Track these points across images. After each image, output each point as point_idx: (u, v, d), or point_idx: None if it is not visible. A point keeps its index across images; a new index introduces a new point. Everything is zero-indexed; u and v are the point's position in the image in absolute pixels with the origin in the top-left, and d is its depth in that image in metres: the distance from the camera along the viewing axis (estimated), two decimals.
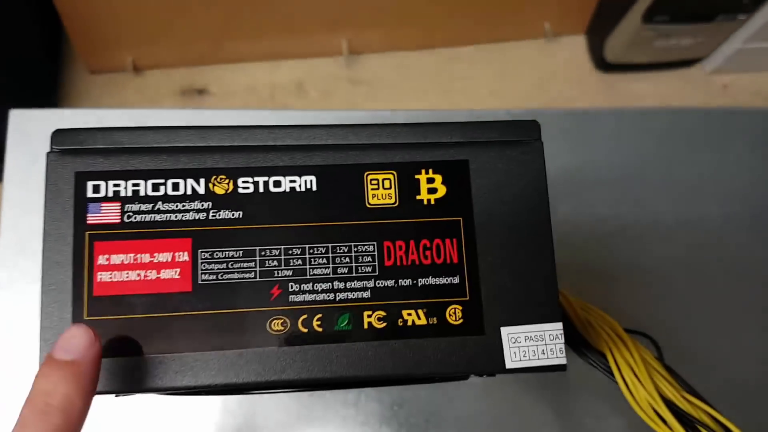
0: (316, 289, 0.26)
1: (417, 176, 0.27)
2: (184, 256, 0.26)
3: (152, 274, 0.25)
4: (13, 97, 1.07)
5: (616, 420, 0.42)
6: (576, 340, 0.33)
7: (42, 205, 0.40)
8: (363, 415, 0.41)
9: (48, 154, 0.26)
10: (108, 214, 0.26)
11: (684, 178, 0.46)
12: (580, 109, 0.46)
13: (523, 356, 0.25)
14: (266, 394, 0.41)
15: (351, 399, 0.42)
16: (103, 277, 0.25)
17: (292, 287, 0.26)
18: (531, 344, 0.26)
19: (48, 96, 1.22)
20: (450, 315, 0.26)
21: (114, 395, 0.26)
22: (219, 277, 0.26)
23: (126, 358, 0.25)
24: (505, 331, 0.26)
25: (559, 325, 0.26)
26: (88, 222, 0.25)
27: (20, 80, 1.11)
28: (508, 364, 0.25)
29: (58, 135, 0.26)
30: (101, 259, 0.25)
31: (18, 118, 0.44)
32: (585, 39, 1.29)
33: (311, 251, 0.26)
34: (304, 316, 0.26)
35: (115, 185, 0.26)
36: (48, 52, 1.21)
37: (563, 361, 0.26)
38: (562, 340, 0.26)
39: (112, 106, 1.22)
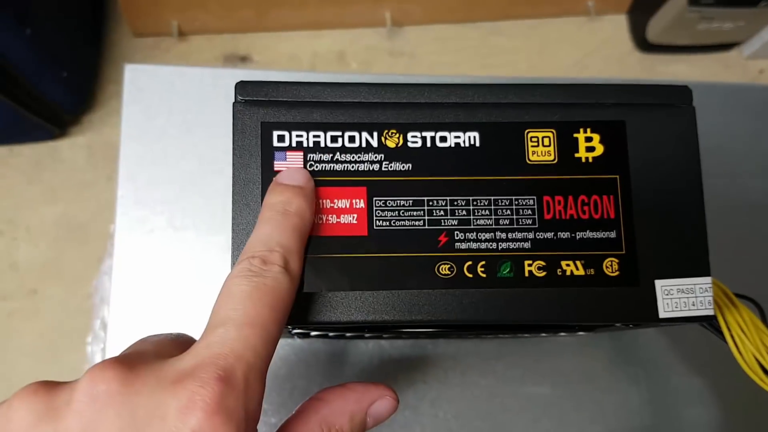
0: (479, 238, 0.28)
1: (575, 135, 0.29)
2: (361, 203, 0.27)
3: (333, 219, 0.27)
4: (58, 54, 1.08)
5: (698, 379, 0.45)
6: None
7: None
8: (462, 366, 0.44)
9: (234, 104, 0.28)
10: (293, 162, 0.27)
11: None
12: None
13: (675, 307, 0.27)
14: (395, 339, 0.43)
15: (450, 352, 0.44)
16: None
17: (457, 235, 0.28)
18: (682, 296, 0.27)
19: (91, 56, 1.23)
20: (607, 267, 0.28)
21: (292, 328, 0.29)
22: (392, 223, 0.27)
23: (310, 294, 0.26)
24: (659, 284, 0.27)
25: (709, 279, 0.28)
26: (276, 169, 0.27)
27: (67, 38, 1.12)
28: (661, 314, 0.27)
29: (243, 86, 0.28)
30: None
31: (133, 73, 0.45)
32: (626, 18, 1.30)
33: (475, 203, 0.28)
34: (469, 263, 0.27)
35: (298, 136, 0.28)
36: (95, 12, 1.22)
37: (711, 312, 0.27)
38: (711, 293, 0.28)
39: None
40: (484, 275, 0.27)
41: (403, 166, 0.28)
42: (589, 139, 0.28)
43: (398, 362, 0.43)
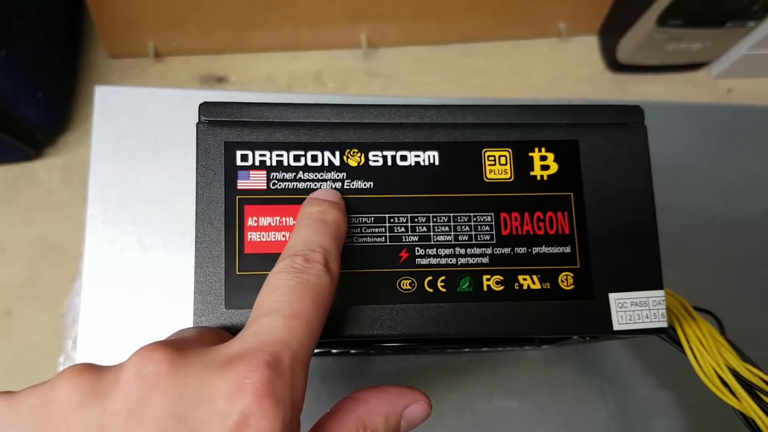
0: (439, 253, 0.28)
1: (531, 154, 0.29)
2: None
3: None
4: (34, 76, 1.08)
5: (663, 391, 0.45)
6: None
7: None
8: (431, 381, 0.44)
9: (198, 124, 0.28)
10: (256, 180, 0.28)
11: (730, 172, 0.49)
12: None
13: (629, 320, 0.28)
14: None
15: (419, 367, 0.44)
16: (252, 236, 0.27)
17: (418, 251, 0.28)
18: (636, 309, 0.28)
19: (67, 77, 1.22)
20: (562, 281, 0.29)
21: None
22: (354, 240, 0.28)
23: None
24: (613, 297, 0.28)
25: (662, 292, 0.28)
26: (239, 188, 0.28)
27: (42, 59, 1.12)
28: (616, 327, 0.28)
29: (207, 107, 0.28)
30: (251, 221, 0.27)
31: (103, 95, 0.46)
32: (597, 39, 1.33)
33: (434, 220, 0.29)
34: (430, 278, 0.28)
35: (261, 155, 0.28)
36: (71, 33, 1.22)
37: (665, 324, 0.28)
38: (664, 306, 0.28)
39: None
40: (444, 290, 0.28)
41: (365, 184, 0.29)
42: (543, 158, 0.29)
43: (367, 379, 0.44)
